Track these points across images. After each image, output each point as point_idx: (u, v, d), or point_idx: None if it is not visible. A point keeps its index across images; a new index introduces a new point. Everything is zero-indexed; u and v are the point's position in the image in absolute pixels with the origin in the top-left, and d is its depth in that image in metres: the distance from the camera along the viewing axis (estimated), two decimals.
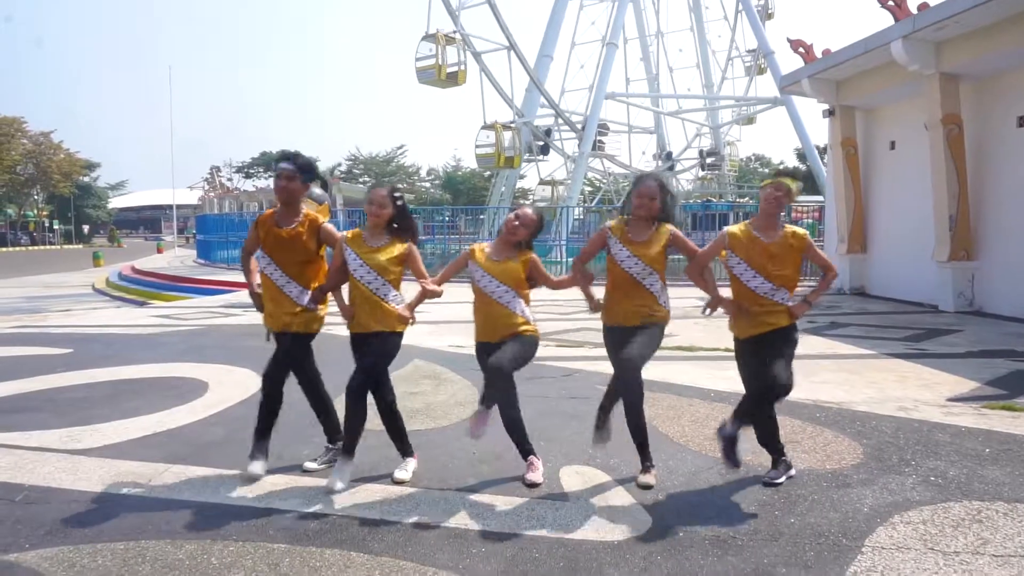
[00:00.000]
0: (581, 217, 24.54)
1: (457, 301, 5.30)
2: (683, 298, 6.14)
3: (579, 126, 31.32)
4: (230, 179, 69.99)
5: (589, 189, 50.77)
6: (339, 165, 68.16)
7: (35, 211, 66.03)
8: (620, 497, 3.70)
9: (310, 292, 4.04)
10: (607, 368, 4.12)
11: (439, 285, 3.87)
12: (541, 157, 33.42)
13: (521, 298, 3.87)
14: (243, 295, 11.86)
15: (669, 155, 43.46)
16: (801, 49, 14.95)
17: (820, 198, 30.83)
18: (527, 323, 3.86)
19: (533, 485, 3.79)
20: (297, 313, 4.01)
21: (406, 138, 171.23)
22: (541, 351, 3.76)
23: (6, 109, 62.44)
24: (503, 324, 3.83)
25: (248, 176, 69.19)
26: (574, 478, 3.96)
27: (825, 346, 8.13)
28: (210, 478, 4.01)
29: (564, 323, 9.83)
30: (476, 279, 3.88)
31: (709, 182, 44.34)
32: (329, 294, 4.07)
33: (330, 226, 4.10)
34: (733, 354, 4.06)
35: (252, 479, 3.91)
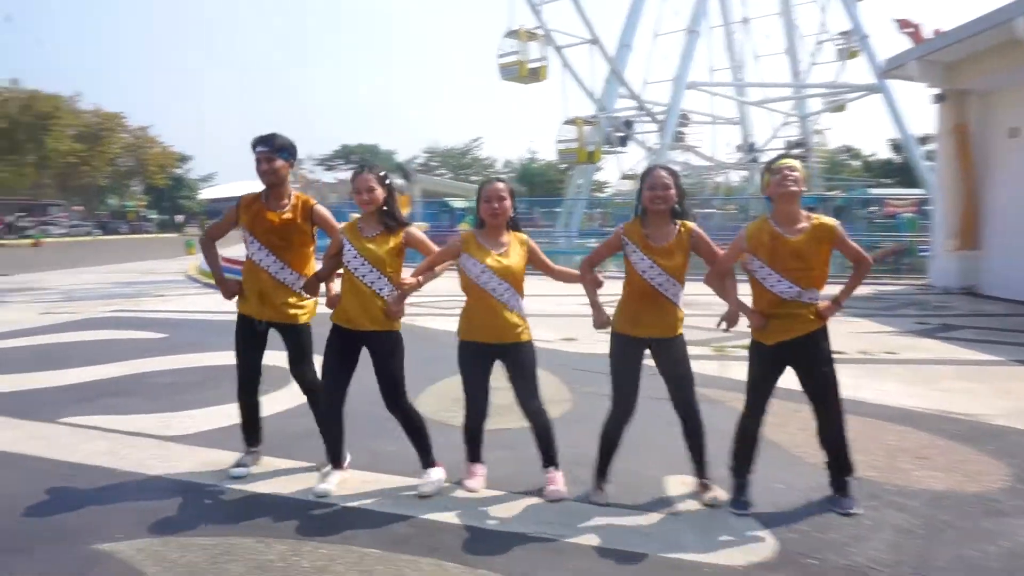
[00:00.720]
0: None
1: (545, 294, 4.99)
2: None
3: (660, 117, 30.50)
4: (312, 171, 72.16)
5: None
6: (416, 157, 69.27)
7: (134, 201, 69.73)
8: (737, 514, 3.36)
9: (304, 278, 3.87)
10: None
11: (421, 277, 3.57)
12: (620, 149, 32.75)
13: (519, 295, 3.58)
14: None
15: (752, 146, 41.90)
16: (909, 29, 13.95)
17: (918, 191, 29.04)
18: (523, 324, 3.57)
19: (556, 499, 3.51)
20: (298, 303, 3.87)
21: (482, 130, 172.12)
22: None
23: (108, 105, 66.02)
24: (502, 325, 3.51)
25: (329, 168, 71.06)
26: (681, 490, 3.63)
27: (942, 350, 7.44)
28: (295, 472, 3.91)
29: None
30: (475, 276, 3.51)
31: None
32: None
33: (323, 208, 3.92)
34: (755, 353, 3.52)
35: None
